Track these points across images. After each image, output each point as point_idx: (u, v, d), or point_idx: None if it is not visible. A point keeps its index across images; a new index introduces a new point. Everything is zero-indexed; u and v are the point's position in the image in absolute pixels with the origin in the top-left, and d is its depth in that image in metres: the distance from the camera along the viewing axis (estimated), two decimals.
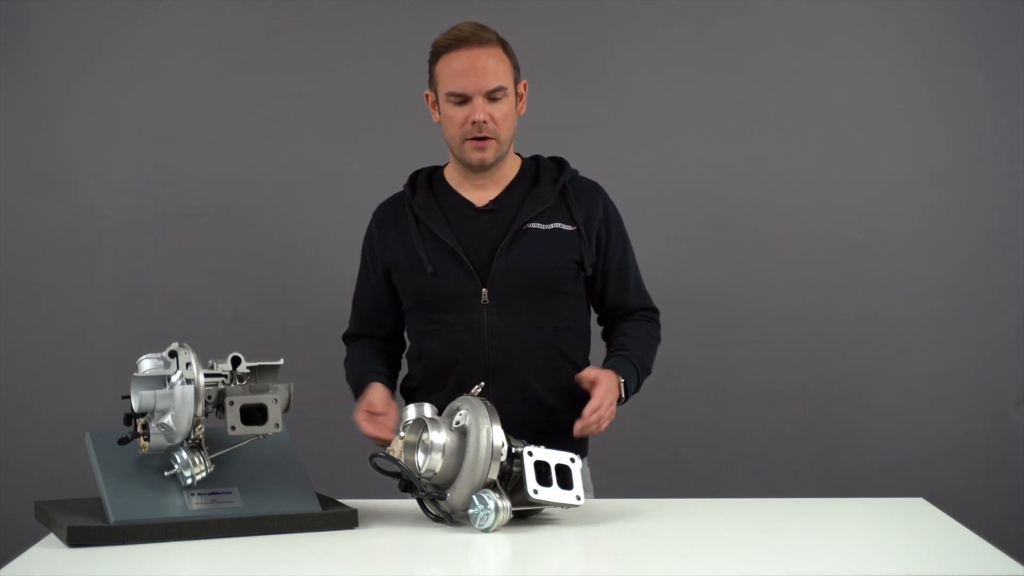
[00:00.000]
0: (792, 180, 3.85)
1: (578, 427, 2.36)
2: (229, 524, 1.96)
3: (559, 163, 2.63)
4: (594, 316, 2.69)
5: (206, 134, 3.80)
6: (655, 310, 2.67)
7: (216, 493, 2.02)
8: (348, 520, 2.04)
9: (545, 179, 2.56)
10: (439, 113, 2.54)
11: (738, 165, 3.84)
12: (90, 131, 3.78)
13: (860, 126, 3.84)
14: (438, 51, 2.52)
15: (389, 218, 2.62)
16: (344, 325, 2.76)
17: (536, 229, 2.51)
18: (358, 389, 2.55)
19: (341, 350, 2.76)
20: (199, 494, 2.00)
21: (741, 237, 3.84)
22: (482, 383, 2.17)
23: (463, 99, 2.46)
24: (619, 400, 2.47)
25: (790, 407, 3.84)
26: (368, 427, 2.41)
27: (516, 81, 2.52)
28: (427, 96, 2.59)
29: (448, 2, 3.77)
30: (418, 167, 2.72)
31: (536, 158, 2.64)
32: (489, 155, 2.49)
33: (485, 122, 2.45)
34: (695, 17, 3.83)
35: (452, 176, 2.60)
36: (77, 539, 1.88)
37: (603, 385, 2.40)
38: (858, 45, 3.84)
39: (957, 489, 3.57)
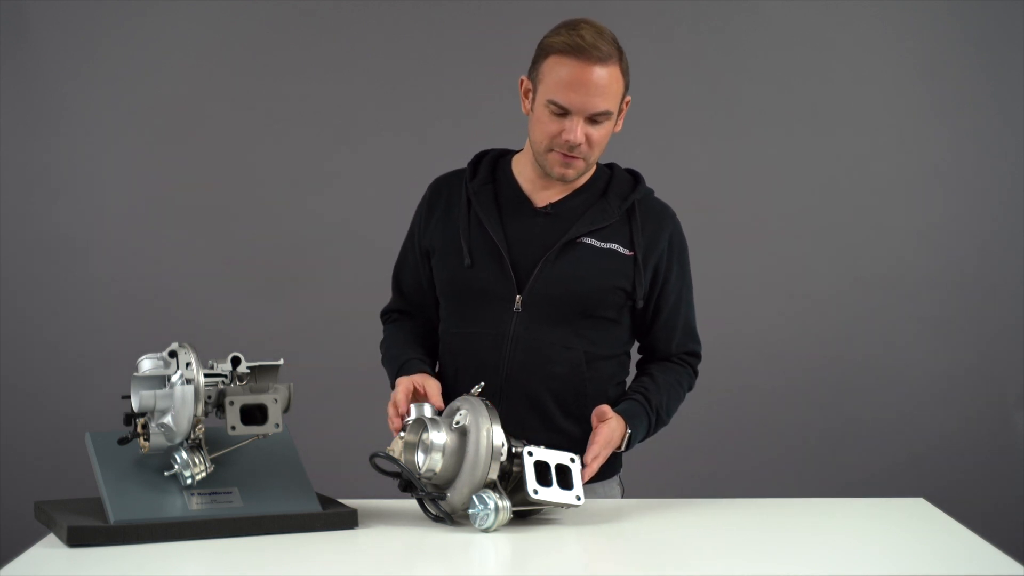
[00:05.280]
0: (792, 180, 3.85)
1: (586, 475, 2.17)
2: (229, 524, 1.96)
3: (635, 177, 2.42)
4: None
5: (206, 134, 3.80)
6: (697, 355, 2.48)
7: (216, 493, 2.02)
8: (348, 520, 2.04)
9: (614, 193, 2.36)
10: (530, 107, 2.31)
11: (738, 165, 3.84)
12: (90, 131, 3.78)
13: (860, 126, 3.84)
14: (550, 49, 2.26)
15: (443, 195, 2.41)
16: (345, 324, 2.74)
17: (590, 245, 2.32)
18: (398, 375, 2.32)
19: (342, 350, 2.74)
20: (199, 494, 2.00)
21: (740, 236, 3.84)
22: (481, 383, 2.12)
23: (563, 112, 2.24)
24: (618, 448, 2.28)
25: (790, 407, 3.84)
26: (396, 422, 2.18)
27: (622, 99, 2.31)
28: (522, 81, 2.32)
29: (448, 2, 3.78)
30: (420, 167, 2.66)
31: (612, 167, 2.43)
32: (572, 173, 2.29)
33: (579, 145, 2.25)
34: (694, 17, 3.83)
35: (521, 167, 2.38)
36: (77, 539, 1.88)
37: (603, 434, 2.21)
38: (858, 45, 3.84)
39: (957, 489, 3.57)
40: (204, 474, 2.01)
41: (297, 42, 3.82)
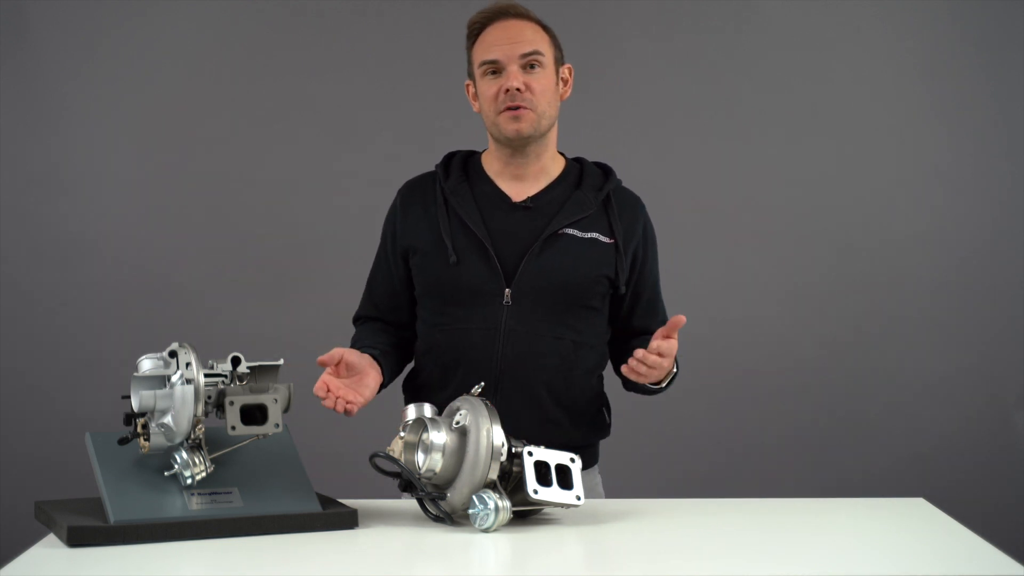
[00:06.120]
0: (792, 181, 3.85)
1: (638, 355, 2.19)
2: (229, 524, 1.96)
3: (604, 170, 2.47)
4: None
5: (206, 134, 3.81)
6: None
7: (216, 493, 2.02)
8: (348, 520, 2.04)
9: (588, 185, 2.41)
10: (478, 100, 2.40)
11: (738, 165, 3.84)
12: (90, 131, 3.78)
13: (860, 126, 3.85)
14: (473, 32, 2.38)
15: (416, 197, 2.44)
16: (345, 324, 2.72)
17: (572, 236, 2.36)
18: None
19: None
20: (199, 494, 2.00)
21: (740, 237, 3.84)
22: (482, 383, 2.12)
23: (496, 69, 2.33)
24: (662, 381, 2.32)
25: (790, 408, 3.84)
26: (327, 402, 2.21)
27: (558, 61, 2.38)
28: (467, 87, 2.44)
29: (448, 2, 3.78)
30: (420, 167, 2.66)
31: (580, 160, 2.48)
32: (525, 125, 2.32)
33: (519, 90, 2.30)
34: (694, 17, 3.83)
35: (490, 164, 2.43)
36: (77, 539, 1.88)
37: (670, 346, 2.20)
38: (858, 45, 3.84)
39: (957, 489, 3.58)
40: (204, 474, 2.01)
41: (297, 42, 3.82)
